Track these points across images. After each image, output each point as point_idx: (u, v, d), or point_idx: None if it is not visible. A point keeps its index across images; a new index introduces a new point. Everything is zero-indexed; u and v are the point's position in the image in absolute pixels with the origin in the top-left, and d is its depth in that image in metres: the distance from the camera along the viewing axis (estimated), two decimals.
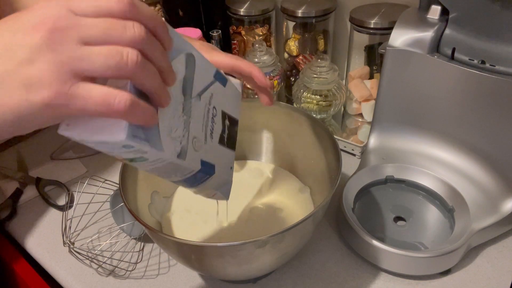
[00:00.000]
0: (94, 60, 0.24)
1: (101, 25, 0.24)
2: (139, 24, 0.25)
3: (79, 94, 0.24)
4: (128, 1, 0.25)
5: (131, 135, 0.26)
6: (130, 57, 0.24)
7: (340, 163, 0.47)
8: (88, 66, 0.24)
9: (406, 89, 0.58)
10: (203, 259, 0.43)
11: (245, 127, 0.62)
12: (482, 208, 0.53)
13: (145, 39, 0.25)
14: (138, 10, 0.26)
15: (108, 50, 0.24)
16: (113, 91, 0.24)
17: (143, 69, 0.25)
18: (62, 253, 0.57)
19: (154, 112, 0.27)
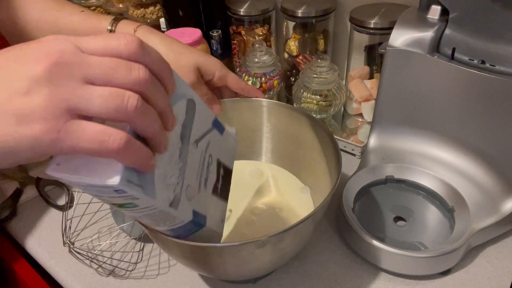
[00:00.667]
0: (93, 101, 0.23)
1: (106, 64, 0.24)
2: (144, 67, 0.25)
3: (73, 130, 0.23)
4: (137, 44, 0.25)
5: (125, 180, 0.25)
6: (130, 102, 0.24)
7: (340, 163, 0.47)
8: (86, 106, 0.23)
9: (406, 89, 0.58)
10: (203, 259, 0.43)
11: (245, 127, 0.62)
12: (482, 208, 0.53)
13: (148, 82, 0.25)
14: (145, 53, 0.25)
15: (109, 92, 0.23)
16: (108, 129, 0.23)
17: (143, 114, 0.25)
18: (62, 253, 0.57)
19: (151, 156, 0.26)
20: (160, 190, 0.29)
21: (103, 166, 0.25)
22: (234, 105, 0.61)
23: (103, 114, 0.23)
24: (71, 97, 0.23)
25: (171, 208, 0.30)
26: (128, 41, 0.25)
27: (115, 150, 0.23)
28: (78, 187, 0.26)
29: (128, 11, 1.06)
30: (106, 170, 0.25)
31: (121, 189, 0.25)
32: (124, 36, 0.25)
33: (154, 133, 0.26)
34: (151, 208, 0.29)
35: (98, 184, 0.25)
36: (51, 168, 0.25)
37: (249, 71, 0.76)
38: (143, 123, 0.25)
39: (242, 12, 0.81)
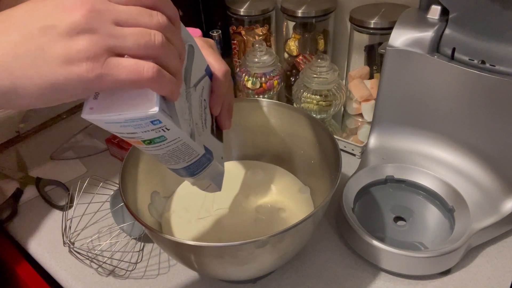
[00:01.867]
0: (127, 38, 0.27)
1: (132, 11, 0.28)
2: (162, 14, 0.29)
3: (113, 65, 0.26)
4: None
5: (161, 109, 0.28)
6: (157, 38, 0.27)
7: (340, 163, 0.47)
8: (121, 43, 0.27)
9: (406, 89, 0.58)
10: (203, 259, 0.43)
11: (245, 127, 0.62)
12: (482, 208, 0.53)
13: (167, 26, 0.29)
14: (162, 3, 0.29)
15: (139, 31, 0.27)
16: (141, 61, 0.27)
17: (168, 50, 0.28)
18: (62, 253, 0.57)
19: (178, 83, 0.29)
20: (182, 123, 0.31)
21: (136, 100, 0.28)
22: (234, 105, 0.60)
23: (136, 50, 0.27)
24: (108, 37, 0.26)
25: (191, 139, 0.33)
26: None
27: (150, 78, 0.27)
28: (113, 128, 0.29)
29: None
30: (141, 103, 0.28)
31: (158, 118, 0.28)
32: None
33: (175, 68, 0.29)
34: (177, 141, 0.32)
35: (137, 117, 0.28)
36: (86, 112, 0.28)
37: (249, 71, 0.76)
38: (168, 58, 0.28)
39: (242, 12, 0.81)
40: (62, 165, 0.74)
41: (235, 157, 0.64)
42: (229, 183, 0.61)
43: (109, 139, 0.72)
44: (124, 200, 0.44)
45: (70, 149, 0.76)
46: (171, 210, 0.57)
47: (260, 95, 0.78)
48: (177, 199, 0.59)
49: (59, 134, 0.80)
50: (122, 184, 0.46)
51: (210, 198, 0.58)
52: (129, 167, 0.50)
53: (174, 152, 0.34)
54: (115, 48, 0.27)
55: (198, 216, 0.56)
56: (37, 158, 0.75)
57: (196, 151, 0.36)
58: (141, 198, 0.52)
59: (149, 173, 0.55)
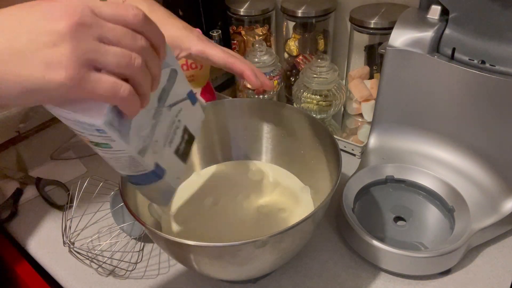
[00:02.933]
0: (108, 56, 0.28)
1: (118, 31, 0.29)
2: (145, 38, 0.30)
3: (92, 79, 0.27)
4: (143, 17, 0.30)
5: (108, 122, 0.30)
6: (136, 61, 0.29)
7: (340, 163, 0.47)
8: (103, 59, 0.28)
9: (406, 89, 0.58)
10: (203, 259, 0.43)
11: (245, 127, 0.62)
12: (482, 208, 0.53)
13: (148, 52, 0.30)
14: (147, 25, 0.30)
15: (120, 51, 0.28)
16: (119, 81, 0.28)
17: (143, 73, 0.30)
18: (62, 253, 0.57)
19: (139, 105, 0.31)
20: (133, 138, 0.34)
21: (91, 106, 0.29)
22: (234, 105, 0.61)
23: (115, 68, 0.28)
24: (91, 51, 0.27)
25: (138, 155, 0.35)
26: (135, 14, 0.30)
27: (123, 98, 0.29)
28: (66, 121, 0.30)
29: None
30: (93, 109, 0.29)
31: (103, 129, 0.30)
32: (132, 8, 0.30)
33: (145, 90, 0.31)
34: (122, 152, 0.34)
35: (85, 121, 0.30)
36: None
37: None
38: (141, 80, 0.30)
39: (242, 12, 0.81)
40: (62, 165, 0.74)
41: (235, 157, 0.64)
42: (230, 183, 0.61)
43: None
44: (124, 200, 0.44)
45: (70, 149, 0.76)
46: (171, 210, 0.57)
47: (260, 95, 0.78)
48: (176, 198, 0.59)
49: (59, 134, 0.80)
50: (122, 184, 0.46)
51: (210, 199, 0.58)
52: None
53: (119, 159, 0.35)
54: (95, 62, 0.28)
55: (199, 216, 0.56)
56: (37, 158, 0.75)
57: (143, 166, 0.37)
58: (141, 198, 0.52)
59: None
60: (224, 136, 0.63)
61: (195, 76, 0.72)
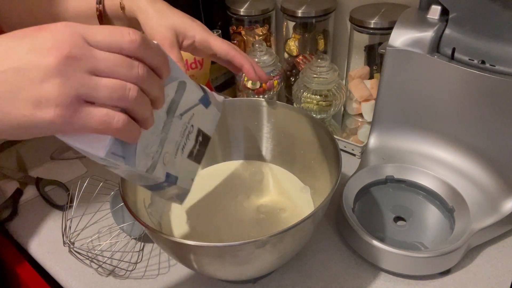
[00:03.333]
0: (100, 90, 0.27)
1: (111, 60, 0.27)
2: (142, 65, 0.28)
3: (82, 114, 0.26)
4: (139, 43, 0.28)
5: (110, 153, 0.29)
6: (131, 93, 0.28)
7: (340, 163, 0.47)
8: (94, 94, 0.27)
9: (406, 89, 0.58)
10: (203, 259, 0.43)
11: (245, 127, 0.62)
12: (482, 208, 0.53)
13: (146, 78, 0.29)
14: (145, 49, 0.28)
15: (113, 83, 0.27)
16: (111, 112, 0.27)
17: (140, 101, 0.28)
18: (62, 253, 0.57)
19: (140, 131, 0.30)
20: (140, 159, 0.33)
21: (93, 136, 0.29)
22: (234, 105, 0.61)
23: (108, 102, 0.27)
24: (81, 87, 0.26)
25: (147, 173, 0.35)
26: (131, 40, 0.28)
27: (118, 129, 0.28)
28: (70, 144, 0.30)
29: None
30: (95, 141, 0.29)
31: (106, 158, 0.30)
32: (128, 33, 0.28)
33: (144, 117, 0.30)
34: (130, 171, 0.34)
35: (87, 151, 0.29)
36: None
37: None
38: (138, 109, 0.29)
39: (242, 12, 0.81)
40: (62, 165, 0.74)
41: (236, 157, 0.64)
42: (230, 183, 0.61)
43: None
44: (124, 200, 0.44)
45: (70, 149, 0.76)
46: (171, 210, 0.57)
47: (260, 95, 0.78)
48: None
49: None
50: (122, 184, 0.46)
51: (210, 199, 0.58)
52: None
53: (130, 175, 0.36)
54: (86, 97, 0.26)
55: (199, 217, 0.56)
56: (37, 158, 0.75)
57: (153, 179, 0.37)
58: (141, 198, 0.52)
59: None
60: (224, 136, 0.63)
61: (195, 76, 0.72)
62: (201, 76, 0.73)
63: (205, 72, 0.74)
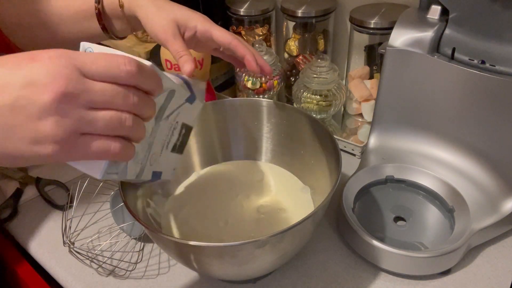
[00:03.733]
0: (97, 124, 0.28)
1: (107, 91, 0.28)
2: (137, 94, 0.29)
3: (79, 146, 0.28)
4: (135, 72, 0.28)
5: (106, 174, 0.31)
6: (127, 122, 0.29)
7: (340, 163, 0.47)
8: (91, 127, 0.28)
9: (406, 89, 0.58)
10: (203, 259, 0.43)
11: (245, 127, 0.62)
12: (482, 208, 0.53)
13: (140, 105, 0.30)
14: (140, 77, 0.29)
15: (110, 116, 0.28)
16: (107, 141, 0.28)
17: (135, 128, 0.30)
18: (62, 253, 0.57)
19: (134, 152, 0.31)
20: (130, 169, 0.36)
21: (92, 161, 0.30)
22: (234, 105, 0.61)
23: (104, 131, 0.28)
24: (78, 122, 0.27)
25: (136, 178, 0.38)
26: (127, 70, 0.28)
27: (115, 154, 0.29)
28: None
29: None
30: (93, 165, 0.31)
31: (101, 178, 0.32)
32: (124, 63, 0.28)
33: (138, 137, 0.31)
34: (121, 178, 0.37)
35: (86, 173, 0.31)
36: None
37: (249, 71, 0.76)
38: (133, 134, 0.30)
39: (242, 12, 0.81)
40: (62, 165, 0.73)
41: (235, 157, 0.64)
42: (230, 183, 0.61)
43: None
44: (124, 200, 0.44)
45: None
46: (171, 210, 0.57)
47: (260, 95, 0.78)
48: (177, 198, 0.59)
49: None
50: (122, 184, 0.46)
51: (210, 199, 0.58)
52: None
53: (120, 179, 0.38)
54: (83, 131, 0.27)
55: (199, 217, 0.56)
56: None
57: (141, 180, 0.40)
58: (141, 198, 0.52)
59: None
60: (224, 136, 0.63)
61: (195, 76, 0.72)
62: (201, 76, 0.73)
63: (205, 72, 0.74)
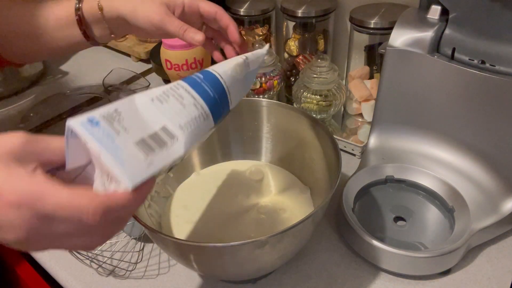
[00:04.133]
0: (63, 246, 0.29)
1: (73, 232, 0.28)
2: (104, 233, 0.30)
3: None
4: (100, 216, 0.27)
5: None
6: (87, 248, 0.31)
7: (340, 163, 0.47)
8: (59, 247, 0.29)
9: (406, 89, 0.58)
10: (203, 259, 0.43)
11: (245, 127, 0.62)
12: (482, 208, 0.53)
13: (106, 239, 0.31)
14: (107, 217, 0.27)
15: (75, 245, 0.30)
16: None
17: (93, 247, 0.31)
18: (62, 253, 0.57)
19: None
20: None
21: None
22: None
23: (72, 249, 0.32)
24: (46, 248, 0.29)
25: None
26: (93, 218, 0.27)
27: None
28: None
29: None
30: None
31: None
32: (88, 212, 0.26)
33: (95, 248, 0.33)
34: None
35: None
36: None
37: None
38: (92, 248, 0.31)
39: (242, 12, 0.81)
40: None
41: (235, 157, 0.64)
42: (230, 183, 0.61)
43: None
44: None
45: None
46: (171, 210, 0.57)
47: (260, 95, 0.78)
48: (176, 199, 0.59)
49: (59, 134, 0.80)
50: None
51: (210, 199, 0.58)
52: None
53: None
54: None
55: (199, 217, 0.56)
56: None
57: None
58: None
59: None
60: (224, 136, 0.63)
61: None
62: None
63: None
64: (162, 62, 0.71)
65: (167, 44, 0.69)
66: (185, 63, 0.70)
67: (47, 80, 1.02)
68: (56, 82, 1.01)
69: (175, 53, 0.69)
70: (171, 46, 0.68)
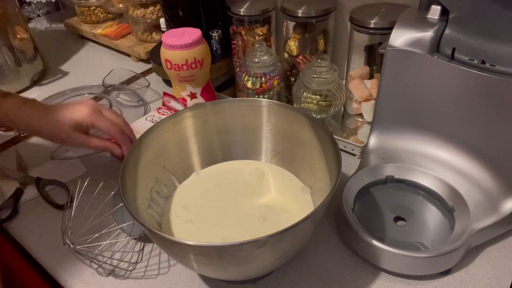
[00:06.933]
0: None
1: (109, 123, 0.61)
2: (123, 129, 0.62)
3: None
4: (123, 123, 0.62)
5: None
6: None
7: (340, 163, 0.47)
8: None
9: (406, 89, 0.58)
10: (203, 259, 0.43)
11: (245, 127, 0.62)
12: (482, 208, 0.53)
13: (124, 140, 0.61)
14: (124, 125, 0.62)
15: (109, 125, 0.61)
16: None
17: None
18: (62, 253, 0.57)
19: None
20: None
21: None
22: (234, 105, 0.61)
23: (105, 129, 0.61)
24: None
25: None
26: (122, 121, 0.63)
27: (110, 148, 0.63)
28: None
29: (128, 11, 1.06)
30: None
31: None
32: (120, 122, 0.62)
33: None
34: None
35: None
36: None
37: (249, 71, 0.76)
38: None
39: (242, 12, 0.81)
40: (62, 165, 0.74)
41: (235, 157, 0.64)
42: (230, 183, 0.61)
43: (109, 138, 0.71)
44: (124, 200, 0.44)
45: (70, 149, 0.76)
46: (171, 210, 0.57)
47: (260, 95, 0.78)
48: (176, 199, 0.59)
49: None
50: (122, 184, 0.46)
51: (210, 198, 0.58)
52: (129, 167, 0.50)
53: None
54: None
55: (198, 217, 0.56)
56: (37, 158, 0.75)
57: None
58: (141, 198, 0.52)
59: (149, 173, 0.55)
60: (224, 136, 0.63)
61: (195, 76, 0.72)
62: (201, 76, 0.73)
63: (205, 72, 0.74)
64: (162, 62, 0.71)
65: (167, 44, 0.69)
66: (185, 63, 0.70)
67: (47, 80, 1.02)
68: (56, 82, 1.01)
69: (175, 53, 0.69)
70: (171, 46, 0.68)
